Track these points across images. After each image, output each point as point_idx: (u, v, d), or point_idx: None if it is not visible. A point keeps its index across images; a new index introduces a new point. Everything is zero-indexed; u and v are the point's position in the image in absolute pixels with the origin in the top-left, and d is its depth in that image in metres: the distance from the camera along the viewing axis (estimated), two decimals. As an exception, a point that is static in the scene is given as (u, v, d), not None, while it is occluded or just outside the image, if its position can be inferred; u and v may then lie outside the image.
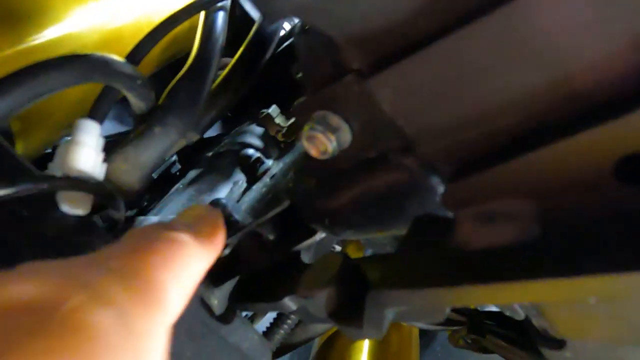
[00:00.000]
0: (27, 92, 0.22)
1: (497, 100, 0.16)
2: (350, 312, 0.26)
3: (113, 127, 0.77)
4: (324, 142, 0.25)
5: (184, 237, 0.21)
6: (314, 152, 0.26)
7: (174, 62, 0.64)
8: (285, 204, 0.36)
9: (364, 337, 0.25)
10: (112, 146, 0.35)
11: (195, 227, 0.23)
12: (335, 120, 0.25)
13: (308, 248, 0.39)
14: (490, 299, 0.17)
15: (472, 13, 0.14)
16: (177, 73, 0.38)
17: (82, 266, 0.17)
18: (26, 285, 0.14)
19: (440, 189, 0.25)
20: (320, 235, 0.37)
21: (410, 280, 0.19)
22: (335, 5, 0.18)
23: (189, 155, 0.67)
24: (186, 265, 0.20)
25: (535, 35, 0.13)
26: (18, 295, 0.14)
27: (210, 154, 0.64)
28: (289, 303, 0.33)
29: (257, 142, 0.63)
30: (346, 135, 0.25)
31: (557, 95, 0.14)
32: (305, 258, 0.39)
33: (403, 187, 0.26)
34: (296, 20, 0.52)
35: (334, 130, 0.25)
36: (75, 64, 0.24)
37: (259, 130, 0.65)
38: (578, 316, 0.20)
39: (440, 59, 0.16)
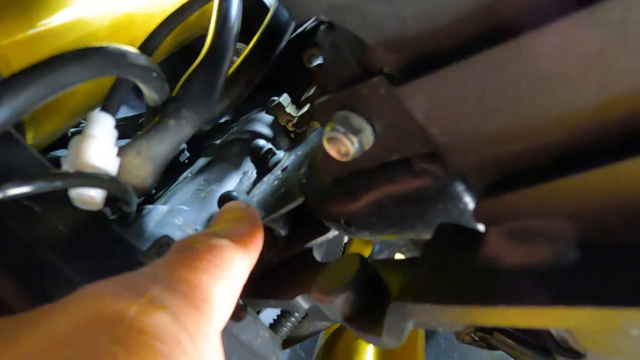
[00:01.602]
0: (44, 87, 0.21)
1: (546, 116, 0.15)
2: (368, 318, 0.25)
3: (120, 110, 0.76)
4: (345, 144, 0.24)
5: (223, 242, 0.22)
6: (334, 154, 0.25)
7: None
8: (299, 200, 0.35)
9: (382, 346, 0.24)
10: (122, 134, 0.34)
11: (234, 230, 0.24)
12: (358, 121, 0.24)
13: (320, 245, 0.38)
14: (525, 321, 0.16)
15: (527, 23, 0.13)
16: (185, 57, 0.37)
17: (134, 279, 0.18)
18: (92, 303, 0.16)
19: (466, 196, 0.24)
20: (333, 233, 0.36)
21: (438, 295, 0.19)
22: (372, 6, 0.17)
23: (197, 143, 0.66)
24: (228, 267, 0.21)
25: (597, 51, 0.12)
26: (88, 311, 0.16)
27: (218, 141, 0.63)
28: (302, 302, 0.33)
29: (267, 131, 0.62)
30: (368, 137, 0.24)
31: (618, 114, 0.13)
32: (317, 255, 0.38)
33: (425, 192, 0.25)
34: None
35: (356, 132, 0.24)
36: (92, 57, 0.23)
37: (268, 118, 0.64)
38: (608, 336, 0.19)
39: (488, 71, 0.14)
